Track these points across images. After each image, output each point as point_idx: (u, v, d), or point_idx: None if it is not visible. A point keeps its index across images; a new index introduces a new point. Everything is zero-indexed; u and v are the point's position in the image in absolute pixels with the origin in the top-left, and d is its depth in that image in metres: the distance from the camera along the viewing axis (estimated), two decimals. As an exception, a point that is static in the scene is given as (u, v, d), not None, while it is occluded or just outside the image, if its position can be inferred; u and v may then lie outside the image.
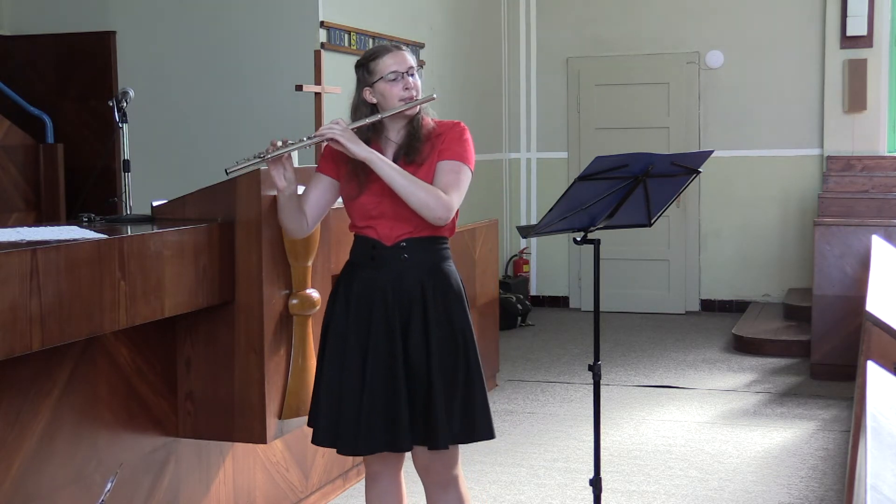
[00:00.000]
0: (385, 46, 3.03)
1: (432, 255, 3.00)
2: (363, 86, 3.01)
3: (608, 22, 9.25)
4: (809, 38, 8.77)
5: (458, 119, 3.13)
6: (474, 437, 3.00)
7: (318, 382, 3.06)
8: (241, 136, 6.40)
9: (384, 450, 2.98)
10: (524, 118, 9.62)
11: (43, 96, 6.66)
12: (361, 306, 2.97)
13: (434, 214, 2.89)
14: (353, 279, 3.01)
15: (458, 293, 3.02)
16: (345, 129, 2.90)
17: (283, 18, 6.36)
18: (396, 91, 2.96)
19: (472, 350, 2.99)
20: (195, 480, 3.50)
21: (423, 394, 2.94)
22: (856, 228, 6.55)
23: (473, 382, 2.98)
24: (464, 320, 3.00)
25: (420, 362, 2.93)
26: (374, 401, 2.92)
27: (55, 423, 2.90)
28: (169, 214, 3.43)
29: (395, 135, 3.01)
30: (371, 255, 2.99)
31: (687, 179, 3.51)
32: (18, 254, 2.50)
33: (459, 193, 2.94)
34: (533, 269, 9.61)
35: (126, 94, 3.84)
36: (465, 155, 2.98)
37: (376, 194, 2.95)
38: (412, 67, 3.00)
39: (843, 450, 5.00)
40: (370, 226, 2.99)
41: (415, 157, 2.95)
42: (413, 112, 2.99)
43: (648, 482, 4.59)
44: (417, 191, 2.87)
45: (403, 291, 2.95)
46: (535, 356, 7.33)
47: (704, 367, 6.91)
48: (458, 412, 2.95)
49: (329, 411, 2.99)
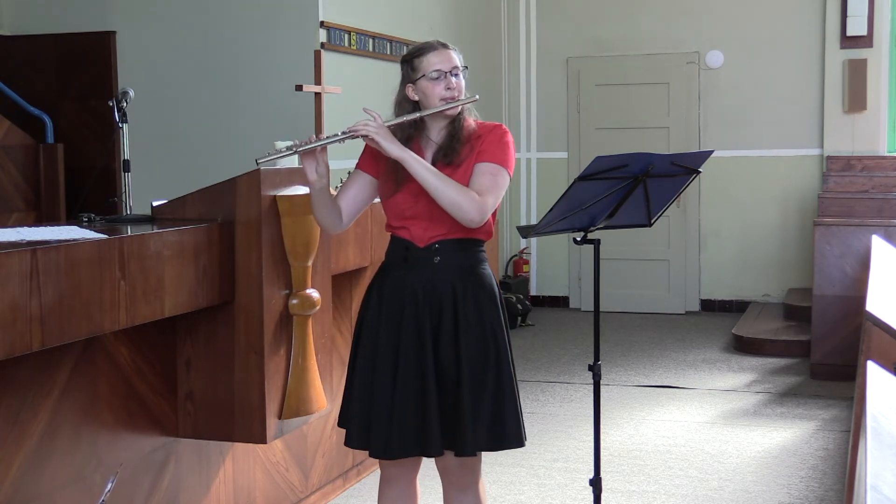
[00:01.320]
0: (431, 44, 2.98)
1: (466, 257, 2.95)
2: (406, 82, 2.97)
3: (608, 22, 9.25)
4: (809, 38, 8.77)
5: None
6: (503, 445, 2.94)
7: (350, 384, 3.01)
8: (242, 137, 6.40)
9: (415, 454, 2.93)
10: (524, 118, 9.62)
11: (43, 96, 6.66)
12: (393, 307, 2.94)
13: (466, 216, 2.85)
14: (386, 280, 2.98)
15: (491, 296, 2.96)
16: (380, 126, 2.85)
17: (283, 18, 6.36)
18: (438, 90, 2.92)
19: (504, 355, 2.93)
20: (195, 480, 3.50)
21: (452, 398, 2.88)
22: (856, 228, 6.55)
23: (504, 388, 2.92)
24: (496, 324, 2.94)
25: (449, 366, 2.88)
26: (406, 404, 2.87)
27: (55, 423, 2.90)
28: (169, 214, 3.43)
29: (435, 134, 2.98)
30: (404, 256, 2.95)
31: (687, 179, 3.51)
32: (18, 254, 2.50)
33: (496, 196, 2.89)
34: (533, 269, 9.61)
35: (126, 94, 3.84)
36: (505, 158, 2.93)
37: (412, 194, 2.91)
38: (456, 67, 2.95)
39: (843, 450, 5.00)
40: (404, 226, 2.95)
41: (453, 159, 2.91)
42: (454, 112, 2.94)
43: (648, 482, 4.59)
44: (450, 191, 2.83)
45: (435, 293, 2.91)
46: (535, 356, 7.33)
47: (704, 367, 6.91)
48: (486, 418, 2.89)
49: (361, 413, 2.95)
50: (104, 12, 6.68)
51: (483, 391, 2.89)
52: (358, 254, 4.16)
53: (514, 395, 2.95)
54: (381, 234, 4.02)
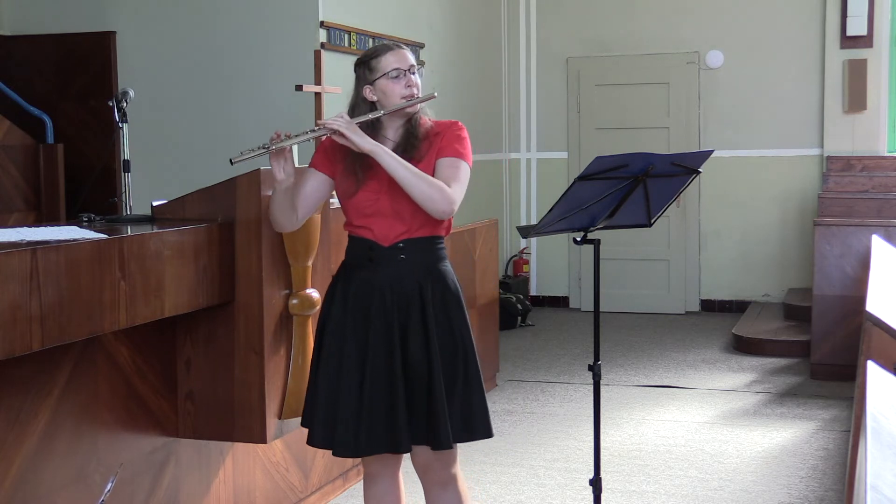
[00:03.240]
0: (386, 45, 3.05)
1: (429, 255, 3.01)
2: (363, 83, 3.02)
3: (608, 22, 9.25)
4: (809, 38, 8.76)
5: (457, 118, 3.14)
6: (474, 436, 3.02)
7: (314, 383, 3.04)
8: (242, 136, 6.39)
9: (384, 451, 2.98)
10: (524, 118, 9.62)
11: (43, 96, 6.66)
12: (359, 307, 2.98)
13: (438, 207, 2.90)
14: (351, 280, 3.01)
15: (455, 293, 3.03)
16: (349, 122, 2.91)
17: (283, 18, 6.36)
18: (398, 89, 2.97)
19: (470, 350, 3.01)
20: (195, 480, 3.50)
21: (422, 394, 2.94)
22: (856, 228, 6.55)
23: (472, 382, 2.99)
24: (462, 320, 3.01)
25: (420, 362, 2.94)
26: (374, 402, 2.92)
27: (55, 423, 2.90)
28: (169, 214, 3.43)
29: (392, 133, 3.02)
30: (368, 256, 2.99)
31: (687, 179, 3.51)
32: (18, 254, 2.50)
33: (461, 186, 2.96)
34: (533, 269, 9.61)
35: (126, 94, 3.84)
36: (464, 152, 3.00)
37: (373, 191, 2.96)
38: (413, 66, 3.02)
39: (843, 450, 5.00)
40: (366, 225, 2.98)
41: (413, 154, 2.96)
42: (412, 111, 3.01)
43: (648, 482, 4.59)
44: (421, 183, 2.88)
45: (402, 292, 2.96)
46: (535, 356, 7.32)
47: (704, 367, 6.91)
48: (457, 412, 2.96)
49: (325, 412, 2.99)
50: (104, 12, 6.68)
51: (454, 386, 2.96)
52: (358, 254, 4.16)
53: (481, 387, 3.03)
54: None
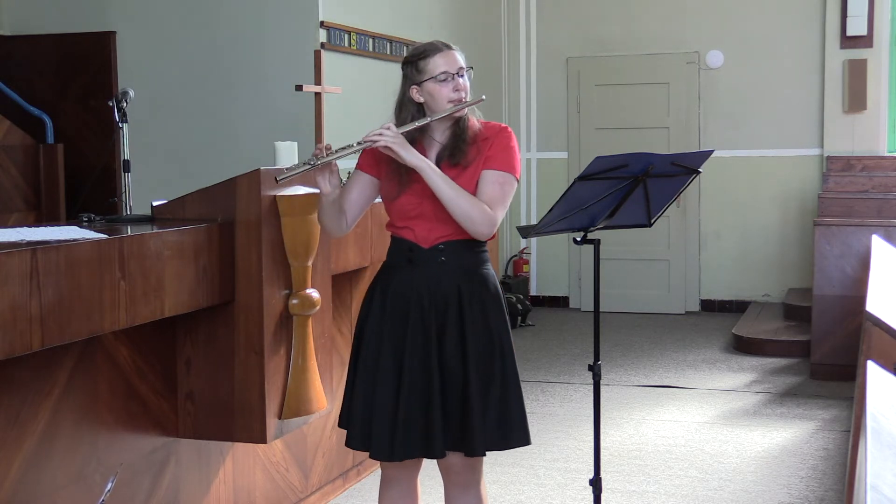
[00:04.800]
0: (436, 45, 2.96)
1: (470, 258, 2.96)
2: (410, 83, 2.95)
3: (608, 22, 9.25)
4: (809, 38, 8.76)
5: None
6: (510, 444, 2.96)
7: (352, 385, 3.00)
8: (242, 136, 6.40)
9: (418, 456, 2.94)
10: (524, 118, 9.62)
11: (43, 96, 6.66)
12: (397, 308, 2.93)
13: (478, 229, 2.87)
14: (390, 281, 2.97)
15: (495, 297, 2.97)
16: (396, 135, 2.84)
17: (283, 18, 6.36)
18: (446, 92, 2.91)
19: (508, 355, 2.95)
20: (195, 480, 3.50)
21: (458, 399, 2.89)
22: (856, 228, 6.55)
23: (509, 387, 2.93)
24: (501, 324, 2.96)
25: (456, 366, 2.89)
26: (410, 405, 2.88)
27: (55, 423, 2.90)
28: (169, 214, 3.43)
29: (439, 135, 2.97)
30: (408, 257, 2.95)
31: (687, 179, 3.51)
32: (18, 254, 2.50)
33: (504, 207, 2.92)
34: (533, 269, 9.61)
35: (126, 94, 3.84)
36: (512, 164, 2.93)
37: (416, 195, 2.91)
38: (462, 68, 2.94)
39: (843, 450, 5.00)
40: (408, 226, 2.95)
41: (459, 160, 2.91)
42: (461, 113, 2.94)
43: (648, 482, 4.59)
44: (464, 203, 2.84)
45: (440, 294, 2.91)
46: (535, 356, 7.32)
47: (704, 367, 6.91)
48: (493, 418, 2.91)
49: (363, 414, 2.95)
50: (104, 12, 6.68)
51: (490, 391, 2.90)
52: (358, 254, 4.16)
53: (520, 394, 2.97)
54: (381, 235, 4.02)
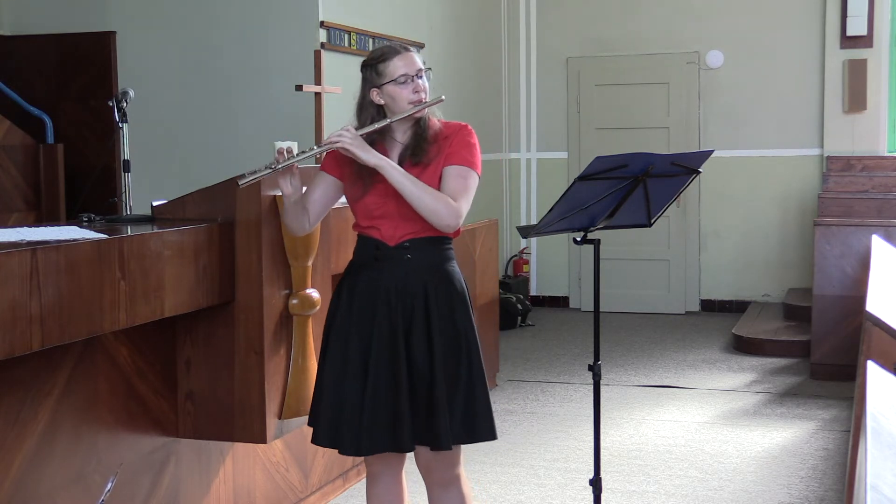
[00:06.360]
0: (393, 48, 3.01)
1: (436, 255, 3.00)
2: (370, 86, 2.99)
3: (608, 22, 9.25)
4: (809, 38, 8.76)
5: (457, 118, 3.12)
6: (476, 438, 3.00)
7: (320, 382, 3.05)
8: (242, 136, 6.41)
9: (387, 450, 2.98)
10: (524, 118, 9.62)
11: (43, 96, 6.66)
12: (364, 306, 2.98)
13: (443, 222, 2.91)
14: (357, 279, 3.01)
15: (461, 294, 3.02)
16: (354, 137, 2.89)
17: (283, 18, 6.36)
18: (406, 94, 2.95)
19: (474, 351, 3.00)
20: (195, 480, 3.50)
21: (425, 394, 2.94)
22: (856, 228, 6.55)
23: (475, 383, 2.98)
24: (467, 321, 3.00)
25: (423, 363, 2.94)
26: (377, 401, 2.93)
27: (55, 423, 2.90)
28: (169, 214, 3.43)
29: (401, 136, 3.01)
30: (374, 255, 2.99)
31: (687, 179, 3.51)
32: (18, 254, 2.50)
33: (467, 200, 2.95)
34: (533, 269, 9.61)
35: (126, 94, 3.85)
36: (473, 160, 2.98)
37: (381, 195, 2.95)
38: (421, 70, 2.98)
39: (843, 450, 5.00)
40: (374, 226, 2.99)
41: (421, 158, 2.95)
42: (421, 113, 2.98)
43: (648, 482, 4.59)
44: (427, 198, 2.88)
45: (407, 292, 2.96)
46: (535, 356, 7.32)
47: (704, 367, 6.91)
48: (459, 412, 2.96)
49: (330, 411, 2.99)
50: (104, 12, 6.68)
51: (456, 386, 2.95)
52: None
53: (485, 389, 3.01)
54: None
